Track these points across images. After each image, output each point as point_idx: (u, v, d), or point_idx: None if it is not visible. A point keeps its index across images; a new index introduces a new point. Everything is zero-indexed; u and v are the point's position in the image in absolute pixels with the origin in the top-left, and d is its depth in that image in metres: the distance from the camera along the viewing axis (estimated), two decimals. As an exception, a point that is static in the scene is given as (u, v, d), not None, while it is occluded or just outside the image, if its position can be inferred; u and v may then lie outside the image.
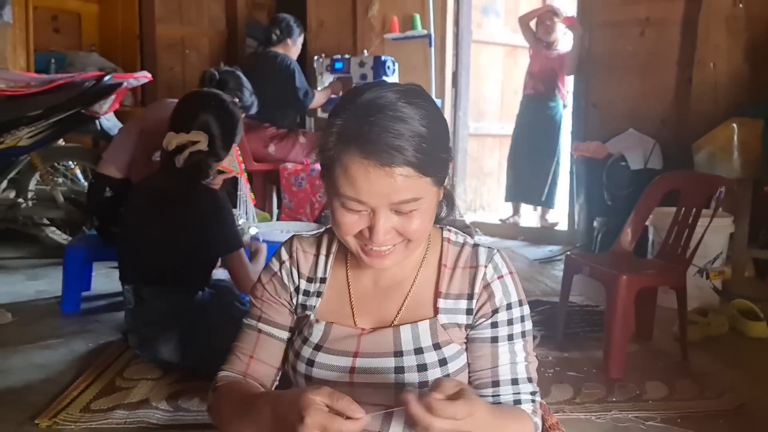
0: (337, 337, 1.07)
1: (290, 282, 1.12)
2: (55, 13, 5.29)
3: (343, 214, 0.97)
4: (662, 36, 4.20)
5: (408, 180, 0.92)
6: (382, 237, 0.96)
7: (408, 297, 1.08)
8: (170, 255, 2.34)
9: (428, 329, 1.05)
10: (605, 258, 2.78)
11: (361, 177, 0.92)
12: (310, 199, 4.32)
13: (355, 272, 1.11)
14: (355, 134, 0.92)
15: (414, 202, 0.95)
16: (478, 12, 5.33)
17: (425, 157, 0.93)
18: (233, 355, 1.13)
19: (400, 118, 0.93)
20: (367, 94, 0.96)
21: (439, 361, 1.03)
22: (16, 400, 2.13)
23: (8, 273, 3.64)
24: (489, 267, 1.06)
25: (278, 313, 1.12)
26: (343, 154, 0.93)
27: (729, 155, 3.43)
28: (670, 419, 2.09)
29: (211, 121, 2.43)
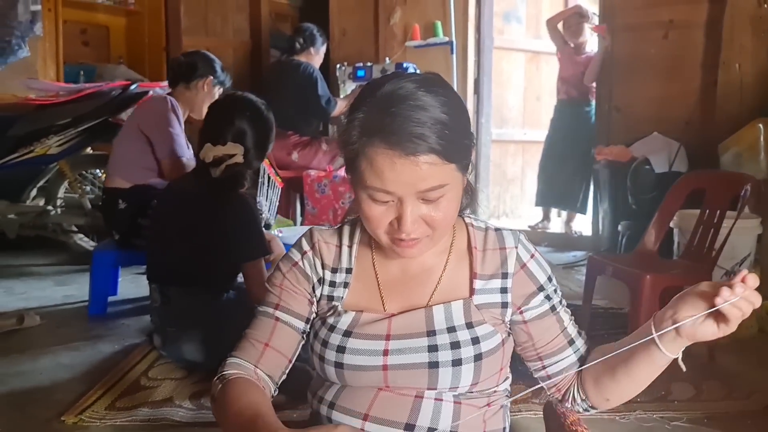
0: (367, 321, 1.07)
1: (313, 272, 1.11)
2: (84, 26, 5.41)
3: (371, 207, 0.98)
4: (686, 38, 4.16)
5: (433, 167, 0.93)
6: (411, 226, 0.97)
7: (440, 282, 1.09)
8: (198, 257, 2.37)
9: (461, 308, 1.06)
10: (629, 258, 2.75)
11: (387, 168, 0.93)
12: (333, 205, 4.35)
13: (382, 261, 1.11)
14: (377, 126, 0.94)
15: (440, 189, 0.96)
16: (500, 18, 5.33)
17: (448, 144, 0.94)
18: (246, 341, 1.10)
19: (420, 106, 0.94)
20: (386, 86, 0.97)
21: (472, 339, 1.04)
22: (43, 398, 2.17)
23: (38, 279, 3.71)
24: (520, 247, 1.09)
25: (297, 302, 1.11)
26: (367, 147, 0.94)
27: (756, 156, 3.38)
28: (697, 419, 2.05)
29: (247, 131, 2.41)
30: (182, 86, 3.16)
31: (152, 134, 3.02)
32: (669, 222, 2.76)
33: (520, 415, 2.08)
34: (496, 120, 5.39)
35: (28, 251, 4.14)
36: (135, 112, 3.19)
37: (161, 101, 3.11)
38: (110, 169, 3.16)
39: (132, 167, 3.04)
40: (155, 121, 3.04)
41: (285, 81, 4.44)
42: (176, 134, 3.01)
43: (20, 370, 2.40)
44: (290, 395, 1.92)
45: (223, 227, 2.30)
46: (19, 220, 3.88)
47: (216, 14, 5.72)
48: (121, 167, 3.08)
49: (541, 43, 5.47)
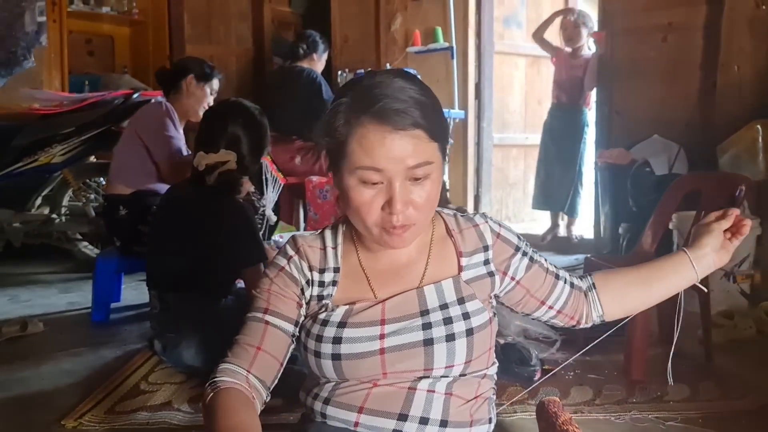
0: (360, 309, 1.10)
1: (300, 275, 1.13)
2: (89, 36, 5.48)
3: (360, 193, 1.02)
4: (685, 41, 4.17)
5: (420, 143, 1.00)
6: (401, 206, 1.01)
7: (427, 267, 1.14)
8: (197, 263, 2.39)
9: (452, 285, 1.13)
10: (626, 260, 2.75)
11: (377, 143, 0.99)
12: (334, 211, 4.37)
13: (368, 257, 1.15)
14: (365, 106, 1.00)
15: (427, 166, 1.01)
16: (500, 23, 5.35)
17: (431, 122, 1.01)
18: (238, 346, 1.10)
19: (401, 88, 1.01)
20: (364, 80, 1.05)
21: (463, 314, 1.10)
22: (44, 403, 2.19)
23: (43, 287, 3.75)
24: (490, 221, 1.21)
25: (286, 305, 1.13)
26: (357, 127, 1.00)
27: (754, 157, 3.38)
28: (692, 419, 2.06)
29: (240, 137, 2.44)
30: (172, 94, 3.20)
31: (148, 138, 3.06)
32: (665, 224, 2.76)
33: (516, 416, 2.09)
34: (497, 124, 5.40)
35: (33, 259, 4.19)
36: (132, 119, 3.24)
37: (156, 106, 3.16)
38: (111, 176, 3.20)
39: (132, 173, 3.08)
40: (151, 125, 3.08)
41: (288, 87, 4.47)
42: (172, 136, 3.05)
43: (23, 375, 2.43)
44: (287, 398, 1.94)
45: (220, 233, 2.33)
46: (24, 228, 3.92)
47: (219, 22, 5.77)
48: (121, 174, 3.12)
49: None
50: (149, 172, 3.07)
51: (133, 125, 3.17)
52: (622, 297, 1.25)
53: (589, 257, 2.77)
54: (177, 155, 3.04)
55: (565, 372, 2.42)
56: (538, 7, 5.64)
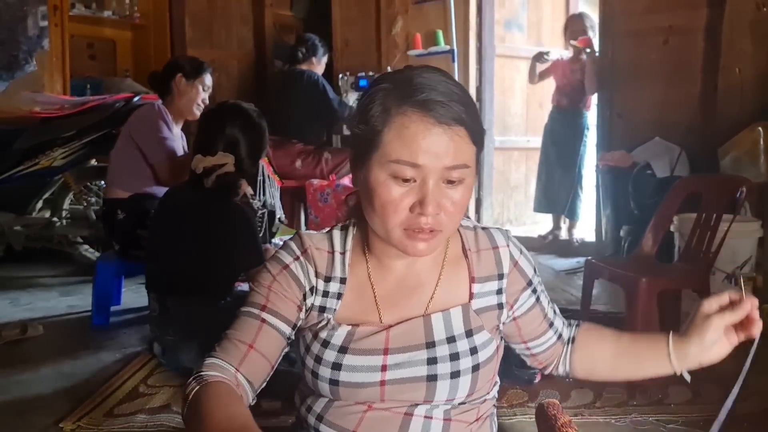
0: (364, 335, 1.02)
1: (306, 280, 1.04)
2: (90, 40, 5.49)
3: (389, 189, 0.93)
4: (686, 43, 4.16)
5: (461, 143, 0.93)
6: (434, 207, 0.93)
7: (437, 289, 1.06)
8: (195, 267, 2.39)
9: (460, 315, 1.04)
10: (626, 262, 2.75)
11: (419, 134, 0.91)
12: (336, 214, 4.36)
13: (378, 271, 1.06)
14: (408, 93, 0.92)
15: (464, 170, 0.94)
16: (501, 26, 5.35)
17: (473, 123, 0.94)
18: (228, 341, 1.01)
19: (443, 82, 0.94)
20: (403, 71, 0.97)
21: (470, 349, 1.02)
22: (43, 406, 2.19)
23: (43, 290, 3.75)
24: (511, 245, 1.09)
25: (286, 306, 1.03)
26: (396, 117, 0.92)
27: (755, 159, 3.37)
28: (693, 422, 2.05)
29: (238, 139, 2.45)
30: (165, 96, 3.20)
31: (142, 141, 3.06)
32: (666, 226, 2.76)
33: (516, 418, 2.09)
34: (498, 127, 5.39)
35: (34, 263, 4.18)
36: (127, 123, 3.22)
37: (148, 108, 3.15)
38: (108, 180, 3.20)
39: (128, 177, 3.07)
40: (144, 128, 3.08)
41: (289, 90, 4.48)
42: (165, 137, 3.05)
43: (21, 378, 2.43)
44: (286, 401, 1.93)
45: (219, 236, 2.33)
46: (25, 232, 3.93)
47: (220, 26, 5.78)
48: (118, 177, 3.12)
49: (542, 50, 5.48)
50: (146, 175, 3.06)
51: (127, 129, 3.16)
52: (591, 364, 1.16)
53: (589, 260, 2.76)
54: (172, 156, 3.03)
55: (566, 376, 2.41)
56: (539, 10, 5.64)
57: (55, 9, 4.54)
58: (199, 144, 2.45)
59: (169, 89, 3.17)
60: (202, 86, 3.20)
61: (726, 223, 2.52)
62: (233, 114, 2.48)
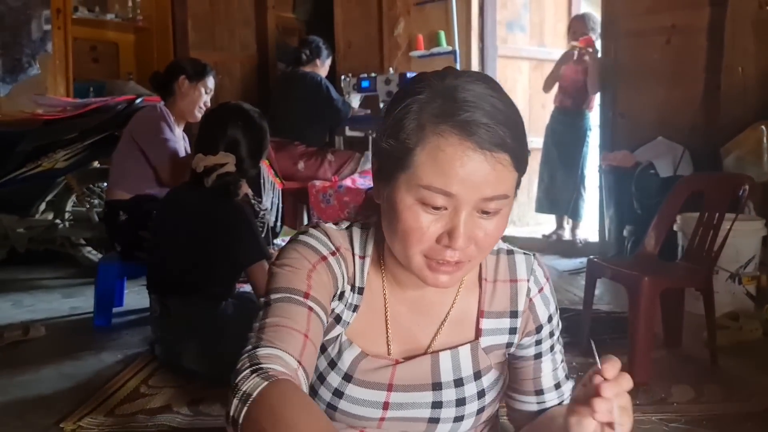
0: (370, 368, 0.95)
1: (341, 280, 0.94)
2: (93, 43, 5.50)
3: (417, 216, 0.82)
4: (688, 43, 4.15)
5: (503, 171, 0.80)
6: (463, 241, 0.82)
7: (447, 318, 0.97)
8: (196, 267, 2.39)
9: (469, 355, 0.97)
10: (628, 262, 2.74)
11: (457, 161, 0.78)
12: (338, 215, 4.36)
13: (392, 287, 0.97)
14: (446, 112, 0.79)
15: (503, 200, 0.82)
16: (503, 27, 5.34)
17: (518, 148, 0.81)
18: (280, 329, 0.84)
19: (487, 97, 0.80)
20: (445, 78, 0.83)
21: (478, 393, 0.97)
22: (44, 406, 2.19)
23: (46, 292, 3.75)
24: (531, 281, 0.98)
25: (326, 296, 0.91)
26: (432, 137, 0.80)
27: (758, 158, 3.36)
28: (695, 421, 2.04)
29: (239, 139, 2.45)
30: (168, 98, 3.20)
31: (144, 143, 3.06)
32: (668, 225, 2.74)
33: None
34: (501, 128, 5.39)
35: (36, 265, 4.19)
36: (129, 124, 3.22)
37: (150, 110, 3.16)
38: (110, 182, 3.20)
39: (130, 178, 3.08)
40: (146, 129, 3.09)
41: (292, 91, 4.49)
42: (167, 139, 3.05)
43: (22, 379, 2.42)
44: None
45: (220, 236, 2.33)
46: (28, 234, 3.93)
47: (223, 29, 5.79)
48: (120, 179, 3.12)
49: (545, 51, 5.48)
50: (148, 176, 3.07)
51: (129, 130, 3.16)
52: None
53: (592, 259, 2.75)
54: (174, 157, 3.04)
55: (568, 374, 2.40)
56: (541, 11, 5.63)
57: (58, 12, 4.55)
58: (201, 144, 2.45)
59: (172, 91, 3.17)
60: (204, 88, 3.21)
61: (728, 221, 2.51)
62: (235, 115, 2.49)
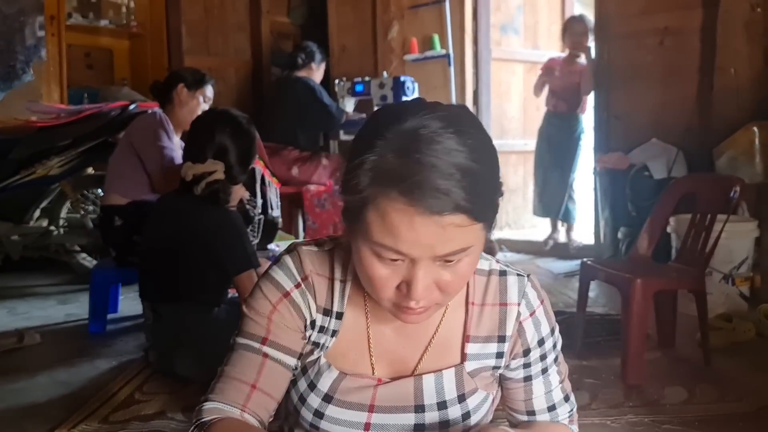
0: (351, 387, 0.94)
1: (307, 311, 0.94)
2: (88, 50, 5.50)
3: (374, 266, 0.82)
4: (681, 44, 4.16)
5: (459, 229, 0.77)
6: (422, 292, 0.81)
7: (432, 341, 0.96)
8: (187, 274, 2.39)
9: (453, 378, 0.95)
10: (622, 264, 2.75)
11: (404, 227, 0.77)
12: (333, 220, 4.37)
13: (376, 310, 0.96)
14: (395, 174, 0.76)
15: (461, 253, 0.80)
16: (497, 30, 5.36)
17: (478, 200, 0.77)
18: (229, 381, 0.91)
19: (450, 154, 0.76)
20: (407, 122, 0.79)
21: (463, 415, 0.95)
22: (38, 413, 2.18)
23: (40, 299, 3.75)
24: (522, 305, 0.96)
25: (289, 337, 0.93)
26: (380, 198, 0.78)
27: (751, 159, 3.37)
28: (688, 422, 2.04)
29: (227, 146, 2.43)
30: (167, 106, 3.21)
31: (141, 149, 3.06)
32: (662, 227, 2.75)
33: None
34: (496, 131, 5.39)
35: (31, 272, 4.19)
36: (127, 130, 3.23)
37: (150, 117, 3.16)
38: (106, 187, 3.20)
39: (126, 183, 3.08)
40: (143, 135, 3.09)
41: (285, 97, 4.50)
42: (164, 146, 3.04)
43: (17, 387, 2.42)
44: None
45: (208, 243, 2.33)
46: (23, 241, 3.92)
47: (217, 34, 5.79)
48: (116, 184, 3.12)
49: (539, 54, 5.49)
50: (144, 182, 3.07)
51: (127, 135, 3.17)
52: None
53: (585, 261, 2.76)
54: (170, 165, 3.03)
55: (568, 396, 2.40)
56: (535, 14, 5.65)
57: (52, 19, 4.55)
58: (189, 151, 2.46)
59: (170, 99, 3.18)
60: (202, 97, 3.23)
61: (721, 223, 2.52)
62: (222, 121, 2.47)
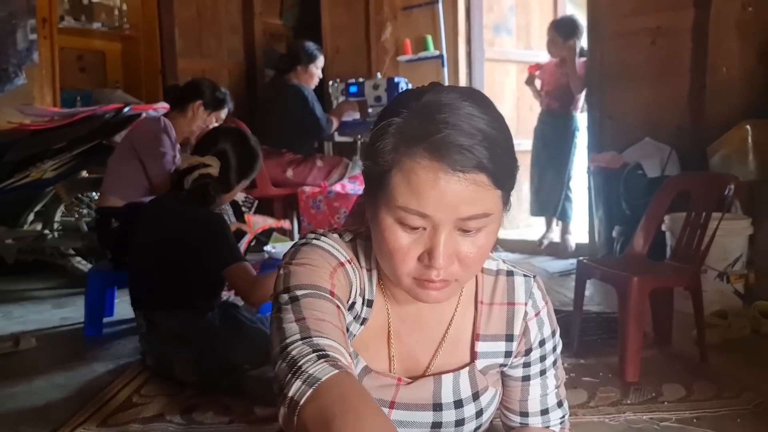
0: (373, 385, 0.97)
1: (352, 289, 0.94)
2: (80, 52, 5.47)
3: (397, 235, 0.84)
4: (674, 44, 4.19)
5: (480, 191, 0.80)
6: (443, 260, 0.82)
7: (444, 339, 1.00)
8: (176, 278, 2.39)
9: (467, 378, 0.99)
10: (617, 262, 2.76)
11: (428, 184, 0.79)
12: (328, 221, 4.37)
13: (394, 302, 0.99)
14: (420, 134, 0.80)
15: (483, 219, 0.82)
16: (490, 31, 5.37)
17: (499, 165, 0.81)
18: (325, 323, 0.82)
19: (469, 116, 0.80)
20: (427, 95, 0.84)
21: (476, 413, 0.99)
22: (36, 417, 2.18)
23: (35, 302, 3.74)
24: (529, 305, 0.99)
25: (345, 300, 0.92)
26: (405, 158, 0.80)
27: (744, 157, 3.39)
28: (686, 419, 2.05)
29: (229, 150, 2.49)
30: (176, 111, 3.26)
31: (143, 153, 3.07)
32: (656, 225, 2.76)
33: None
34: (490, 131, 5.40)
35: (26, 276, 4.17)
36: (129, 132, 3.25)
37: (154, 122, 3.17)
38: (104, 189, 3.19)
39: (125, 186, 3.08)
40: (147, 140, 3.10)
41: (279, 101, 4.48)
42: (166, 152, 3.06)
43: (14, 391, 2.41)
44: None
45: (192, 242, 2.33)
46: (17, 245, 3.91)
47: (210, 36, 5.78)
48: (115, 186, 3.12)
49: (531, 54, 5.51)
50: (143, 185, 3.08)
51: (129, 138, 3.18)
52: None
53: (581, 260, 2.77)
54: (170, 171, 3.03)
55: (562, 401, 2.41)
56: (528, 14, 5.67)
57: (44, 22, 4.53)
58: (194, 150, 2.54)
59: (185, 110, 3.24)
60: (216, 118, 3.30)
61: (715, 221, 2.53)
62: (230, 131, 2.59)
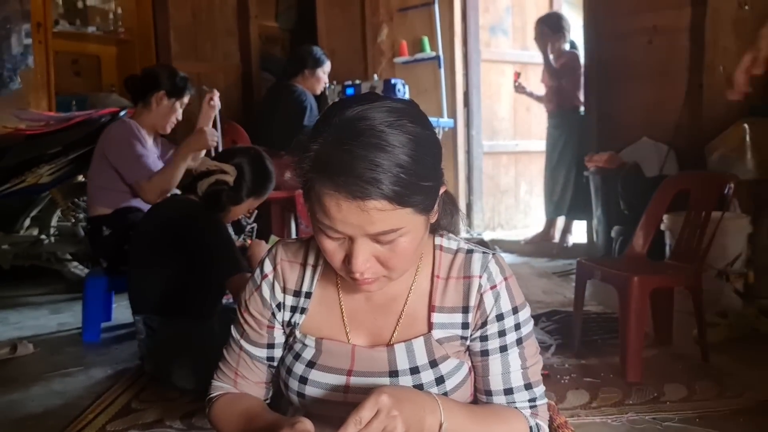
0: (330, 352, 1.03)
1: (272, 298, 1.07)
2: (75, 56, 5.46)
3: (324, 240, 0.92)
4: (671, 43, 4.19)
5: (383, 213, 0.86)
6: (362, 266, 0.90)
7: (402, 313, 1.03)
8: (175, 284, 2.38)
9: (423, 346, 1.01)
10: (617, 262, 2.75)
11: (333, 209, 0.86)
12: (326, 223, 4.35)
13: (347, 286, 1.04)
14: (328, 163, 0.86)
15: (393, 233, 0.89)
16: (486, 31, 5.38)
17: (404, 189, 0.86)
18: (224, 365, 1.13)
19: (379, 146, 0.85)
20: (350, 110, 0.88)
21: (436, 379, 1.00)
22: (34, 425, 2.16)
23: (33, 308, 3.72)
24: (483, 277, 1.01)
25: (257, 330, 1.09)
26: (316, 183, 0.88)
27: (742, 156, 3.39)
28: (689, 419, 2.04)
29: (245, 165, 2.49)
30: (141, 105, 3.11)
31: (115, 161, 2.97)
32: (656, 225, 2.76)
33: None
34: (487, 132, 5.41)
35: (22, 281, 4.15)
36: (99, 140, 3.10)
37: (120, 126, 3.05)
38: (89, 199, 3.13)
39: (107, 194, 3.01)
40: (116, 147, 2.99)
41: (276, 104, 4.47)
42: (140, 155, 2.95)
43: (12, 398, 2.39)
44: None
45: (193, 248, 2.32)
46: (13, 250, 3.88)
47: (205, 39, 5.76)
48: (98, 195, 3.05)
49: (528, 54, 5.51)
50: (125, 189, 2.99)
51: (100, 148, 3.06)
52: None
53: (581, 260, 2.76)
54: (150, 173, 2.95)
55: (561, 377, 2.40)
56: (523, 15, 5.67)
57: (38, 26, 4.51)
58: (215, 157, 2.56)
59: (147, 102, 3.09)
60: (180, 104, 3.16)
61: (715, 220, 2.53)
62: (247, 149, 2.62)
